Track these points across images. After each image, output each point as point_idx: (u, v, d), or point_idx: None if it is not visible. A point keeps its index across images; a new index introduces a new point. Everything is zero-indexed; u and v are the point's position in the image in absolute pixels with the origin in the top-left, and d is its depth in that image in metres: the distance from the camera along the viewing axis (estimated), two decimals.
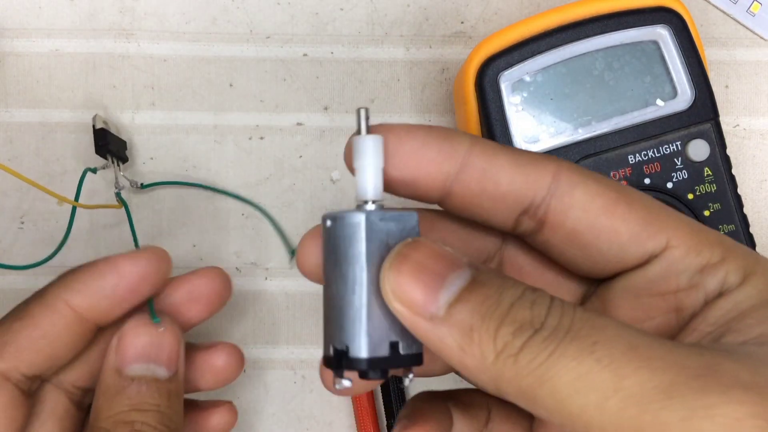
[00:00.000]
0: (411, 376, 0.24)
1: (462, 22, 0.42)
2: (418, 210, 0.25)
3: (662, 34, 0.37)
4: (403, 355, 0.23)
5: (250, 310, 0.41)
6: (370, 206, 0.23)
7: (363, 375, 0.22)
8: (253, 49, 0.42)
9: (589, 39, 0.37)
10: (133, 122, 0.42)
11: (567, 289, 0.26)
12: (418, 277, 0.21)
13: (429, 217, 0.26)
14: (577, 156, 0.37)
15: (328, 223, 0.23)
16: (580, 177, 0.23)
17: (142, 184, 0.40)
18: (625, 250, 0.23)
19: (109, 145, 0.39)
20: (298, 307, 0.41)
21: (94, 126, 0.39)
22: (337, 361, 0.22)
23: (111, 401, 0.29)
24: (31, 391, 0.29)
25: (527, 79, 0.37)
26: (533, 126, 0.37)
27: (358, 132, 0.23)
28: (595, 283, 0.26)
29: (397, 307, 0.21)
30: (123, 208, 0.39)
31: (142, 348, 0.29)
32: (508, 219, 0.24)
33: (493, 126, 0.37)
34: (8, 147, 0.41)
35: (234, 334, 0.41)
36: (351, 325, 0.22)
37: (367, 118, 0.23)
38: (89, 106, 0.42)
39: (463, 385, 0.28)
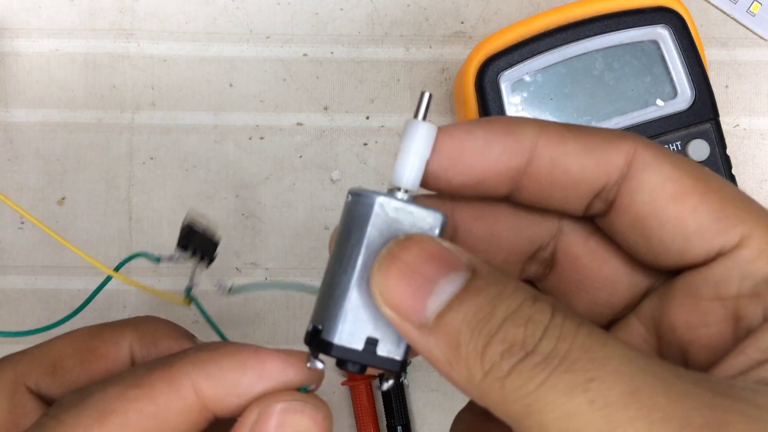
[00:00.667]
0: (389, 383, 0.22)
1: (462, 22, 0.42)
2: (457, 202, 0.23)
3: (662, 34, 0.37)
4: (379, 356, 0.21)
5: (250, 310, 0.41)
6: (400, 194, 0.22)
7: (338, 364, 0.21)
8: (253, 49, 0.42)
9: (589, 39, 0.37)
10: (133, 122, 0.42)
11: (628, 283, 0.24)
12: (407, 281, 0.19)
13: (476, 207, 0.24)
14: None
15: (349, 197, 0.22)
16: (656, 158, 0.21)
17: (230, 289, 0.33)
18: (691, 243, 0.21)
19: (193, 244, 0.33)
20: (298, 307, 0.41)
21: (183, 221, 0.34)
22: (310, 338, 0.22)
23: None
24: None
25: (527, 79, 0.37)
26: None
27: (416, 115, 0.22)
28: (661, 278, 0.23)
29: (386, 311, 0.19)
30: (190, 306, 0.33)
31: None
32: (579, 205, 0.22)
33: None
34: (8, 147, 0.41)
35: (234, 334, 0.41)
36: (333, 305, 0.21)
37: (428, 106, 0.22)
38: (89, 106, 0.42)
39: None
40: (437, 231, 0.21)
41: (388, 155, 0.42)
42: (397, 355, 0.21)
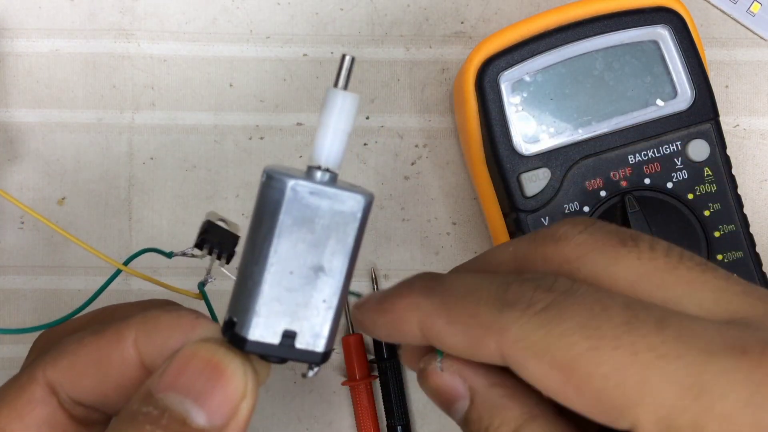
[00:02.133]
0: (314, 371, 0.22)
1: (462, 22, 0.42)
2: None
3: (662, 34, 0.37)
4: (298, 350, 0.21)
5: None
6: (320, 175, 0.21)
7: (262, 357, 0.21)
8: (253, 49, 0.42)
9: (589, 39, 0.37)
10: (133, 122, 0.42)
11: None
12: None
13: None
14: (577, 156, 0.37)
15: (263, 177, 0.21)
16: (522, 358, 0.20)
17: None
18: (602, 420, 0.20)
19: (213, 237, 0.32)
20: None
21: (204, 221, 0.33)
22: (225, 330, 0.21)
23: (120, 428, 0.23)
24: (83, 419, 0.25)
25: (527, 79, 0.37)
26: (533, 126, 0.37)
27: (336, 83, 0.20)
28: None
29: None
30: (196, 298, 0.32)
31: (191, 375, 0.22)
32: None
33: (492, 126, 0.37)
34: (8, 147, 0.41)
35: None
36: (245, 298, 0.20)
37: (350, 71, 0.20)
38: (89, 106, 0.42)
39: None
40: (359, 215, 0.20)
41: (388, 155, 0.42)
42: (318, 347, 0.21)
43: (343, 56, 0.20)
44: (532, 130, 0.37)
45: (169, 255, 0.31)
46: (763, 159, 0.42)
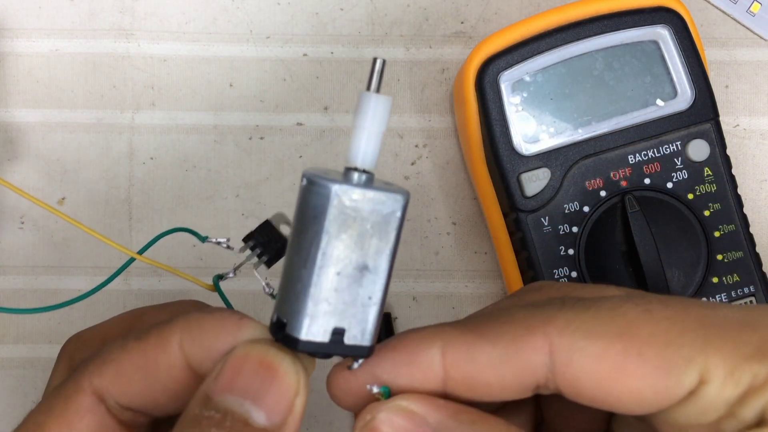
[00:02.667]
0: (358, 363, 0.22)
1: (462, 22, 0.42)
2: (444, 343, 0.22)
3: (662, 34, 0.37)
4: (347, 345, 0.21)
5: (250, 310, 0.41)
6: (357, 176, 0.21)
7: (311, 354, 0.22)
8: (253, 49, 0.42)
9: (589, 39, 0.37)
10: (133, 122, 0.42)
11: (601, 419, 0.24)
12: None
13: (460, 357, 0.23)
14: (577, 156, 0.37)
15: (304, 181, 0.21)
16: (574, 340, 0.20)
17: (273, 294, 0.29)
18: (654, 403, 0.20)
19: (263, 236, 0.31)
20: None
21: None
22: (275, 331, 0.22)
23: None
24: (131, 423, 0.25)
25: (527, 79, 0.37)
26: (533, 126, 0.37)
27: (368, 86, 0.21)
28: None
29: None
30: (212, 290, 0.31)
31: (246, 377, 0.22)
32: (520, 396, 0.21)
33: (492, 126, 0.37)
34: (8, 147, 0.41)
35: None
36: (294, 300, 0.21)
37: (382, 75, 0.21)
38: (89, 106, 0.42)
39: None
40: (399, 214, 0.21)
41: (388, 155, 0.42)
42: (365, 341, 0.22)
43: (375, 60, 0.21)
44: (532, 130, 0.37)
45: (203, 239, 0.31)
46: (763, 159, 0.42)
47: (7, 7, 0.42)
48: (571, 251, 0.37)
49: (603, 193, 0.37)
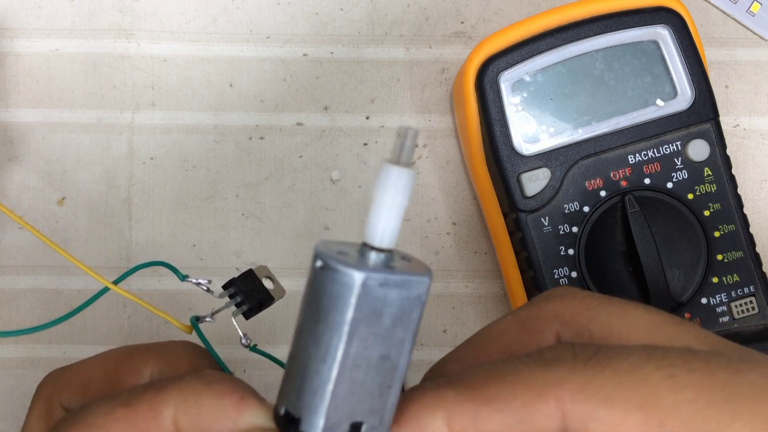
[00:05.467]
0: None
1: (462, 22, 0.42)
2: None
3: (662, 34, 0.37)
4: None
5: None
6: (374, 257, 0.19)
7: None
8: (253, 49, 0.42)
9: (589, 39, 0.37)
10: (133, 122, 0.42)
11: None
12: None
13: None
14: (577, 156, 0.37)
15: (318, 263, 0.19)
16: (590, 407, 0.18)
17: (253, 347, 0.31)
18: None
19: (245, 285, 0.30)
20: (298, 307, 0.41)
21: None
22: (285, 427, 0.20)
23: None
24: None
25: (527, 79, 0.37)
26: (533, 126, 0.37)
27: (397, 160, 0.19)
28: None
29: None
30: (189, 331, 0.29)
31: None
32: None
33: (492, 126, 0.37)
34: (8, 147, 0.41)
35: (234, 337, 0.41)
36: (311, 395, 0.19)
37: (414, 144, 0.19)
38: (89, 106, 0.42)
39: None
40: (425, 297, 0.19)
41: (388, 155, 0.42)
42: (383, 430, 0.20)
43: (406, 129, 0.19)
44: (532, 130, 0.37)
45: (183, 277, 0.30)
46: (763, 159, 0.42)
47: (7, 7, 0.42)
48: (571, 251, 0.37)
49: (603, 193, 0.37)
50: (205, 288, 0.29)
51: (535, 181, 0.37)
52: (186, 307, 0.41)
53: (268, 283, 0.29)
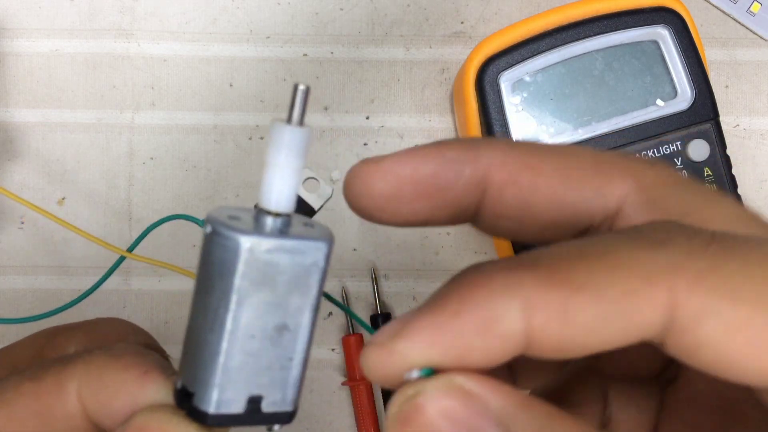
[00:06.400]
0: (277, 428, 0.19)
1: (462, 22, 0.42)
2: (488, 154, 0.18)
3: (662, 34, 0.37)
4: (266, 413, 0.18)
5: None
6: (270, 220, 0.18)
7: (222, 426, 0.19)
8: (253, 49, 0.42)
9: (589, 39, 0.37)
10: (133, 122, 0.42)
11: None
12: None
13: (511, 166, 0.18)
14: None
15: (207, 228, 0.18)
16: (710, 301, 0.15)
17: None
18: None
19: None
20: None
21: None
22: (180, 402, 0.19)
23: None
24: None
25: (527, 79, 0.37)
26: (533, 126, 0.37)
27: (289, 118, 0.18)
28: None
29: None
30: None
31: None
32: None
33: (493, 126, 0.37)
34: (8, 147, 0.41)
35: None
36: (203, 369, 0.18)
37: (305, 105, 0.18)
38: (89, 106, 0.42)
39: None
40: (322, 264, 0.18)
41: None
42: (286, 406, 0.19)
43: (296, 87, 0.18)
44: (532, 130, 0.37)
45: (202, 223, 0.30)
46: (763, 159, 0.42)
47: (7, 7, 0.42)
48: None
49: None
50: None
51: None
52: (187, 306, 0.41)
53: (307, 194, 0.27)
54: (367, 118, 0.42)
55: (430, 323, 0.15)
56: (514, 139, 0.19)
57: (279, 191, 0.18)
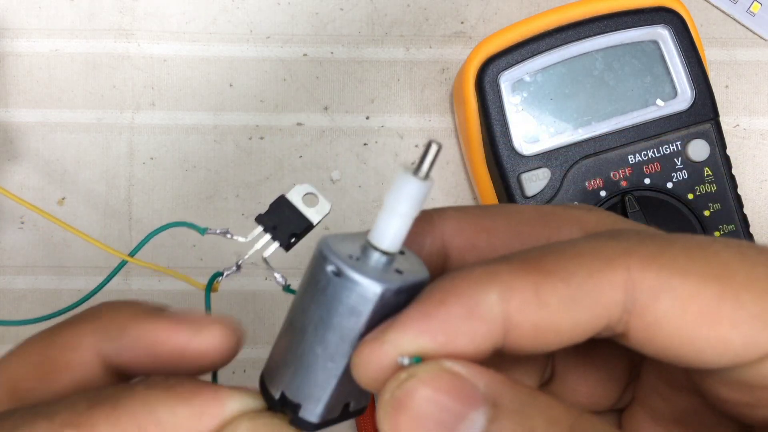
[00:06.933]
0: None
1: (462, 22, 0.42)
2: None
3: (662, 34, 0.37)
4: (351, 413, 0.21)
5: (250, 310, 0.41)
6: (378, 258, 0.19)
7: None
8: (253, 49, 0.42)
9: (589, 39, 0.37)
10: (133, 122, 0.42)
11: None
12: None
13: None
14: (577, 156, 0.37)
15: (330, 267, 0.19)
16: (663, 278, 0.17)
17: (287, 287, 0.28)
18: (739, 354, 0.17)
19: (276, 216, 0.28)
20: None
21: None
22: (282, 408, 0.20)
23: None
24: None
25: (527, 79, 0.37)
26: (533, 126, 0.37)
27: (417, 171, 0.18)
28: None
29: None
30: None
31: None
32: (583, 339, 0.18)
33: (492, 126, 0.37)
34: (8, 147, 0.41)
35: None
36: (315, 387, 0.19)
37: (435, 159, 0.18)
38: (89, 106, 0.42)
39: None
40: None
41: (388, 155, 0.42)
42: (364, 403, 0.21)
43: (430, 143, 0.18)
44: (532, 130, 0.37)
45: (203, 231, 0.29)
46: (763, 159, 0.42)
47: (7, 7, 0.42)
48: None
49: (603, 193, 0.37)
50: (229, 236, 0.28)
51: (535, 181, 0.37)
52: (187, 304, 0.41)
53: (306, 209, 0.28)
54: (367, 118, 0.42)
55: (418, 312, 0.17)
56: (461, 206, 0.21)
57: (395, 235, 0.19)
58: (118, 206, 0.41)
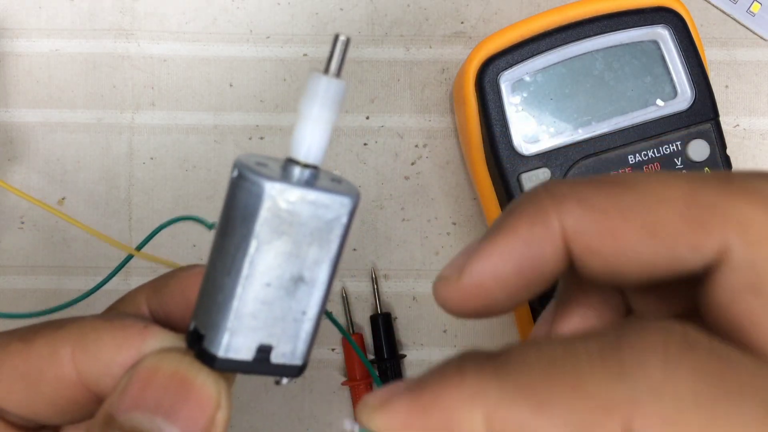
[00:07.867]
0: (285, 380, 0.20)
1: (462, 22, 0.42)
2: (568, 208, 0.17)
3: (662, 34, 0.37)
4: (274, 364, 0.19)
5: None
6: (298, 171, 0.18)
7: (229, 371, 0.19)
8: (253, 49, 0.42)
9: (589, 39, 0.37)
10: (133, 122, 0.42)
11: None
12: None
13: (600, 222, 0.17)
14: (577, 156, 0.37)
15: (234, 172, 0.18)
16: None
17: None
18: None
19: None
20: None
21: None
22: (191, 343, 0.19)
23: None
24: (21, 426, 0.21)
25: (527, 79, 0.37)
26: (533, 126, 0.37)
27: (326, 69, 0.18)
28: None
29: None
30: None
31: (157, 391, 0.19)
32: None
33: (492, 126, 0.37)
34: (8, 147, 0.41)
35: None
36: (215, 311, 0.18)
37: (345, 53, 0.18)
38: (89, 106, 0.42)
39: None
40: (345, 220, 0.18)
41: (388, 155, 0.42)
42: (296, 360, 0.19)
43: (337, 37, 0.18)
44: (532, 130, 0.37)
45: (210, 226, 0.29)
46: (763, 159, 0.42)
47: (7, 7, 0.42)
48: None
49: None
50: None
51: (535, 181, 0.37)
52: None
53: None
54: (367, 118, 0.42)
55: (406, 405, 0.16)
56: (572, 180, 0.18)
57: (310, 142, 0.18)
58: (118, 206, 0.41)
